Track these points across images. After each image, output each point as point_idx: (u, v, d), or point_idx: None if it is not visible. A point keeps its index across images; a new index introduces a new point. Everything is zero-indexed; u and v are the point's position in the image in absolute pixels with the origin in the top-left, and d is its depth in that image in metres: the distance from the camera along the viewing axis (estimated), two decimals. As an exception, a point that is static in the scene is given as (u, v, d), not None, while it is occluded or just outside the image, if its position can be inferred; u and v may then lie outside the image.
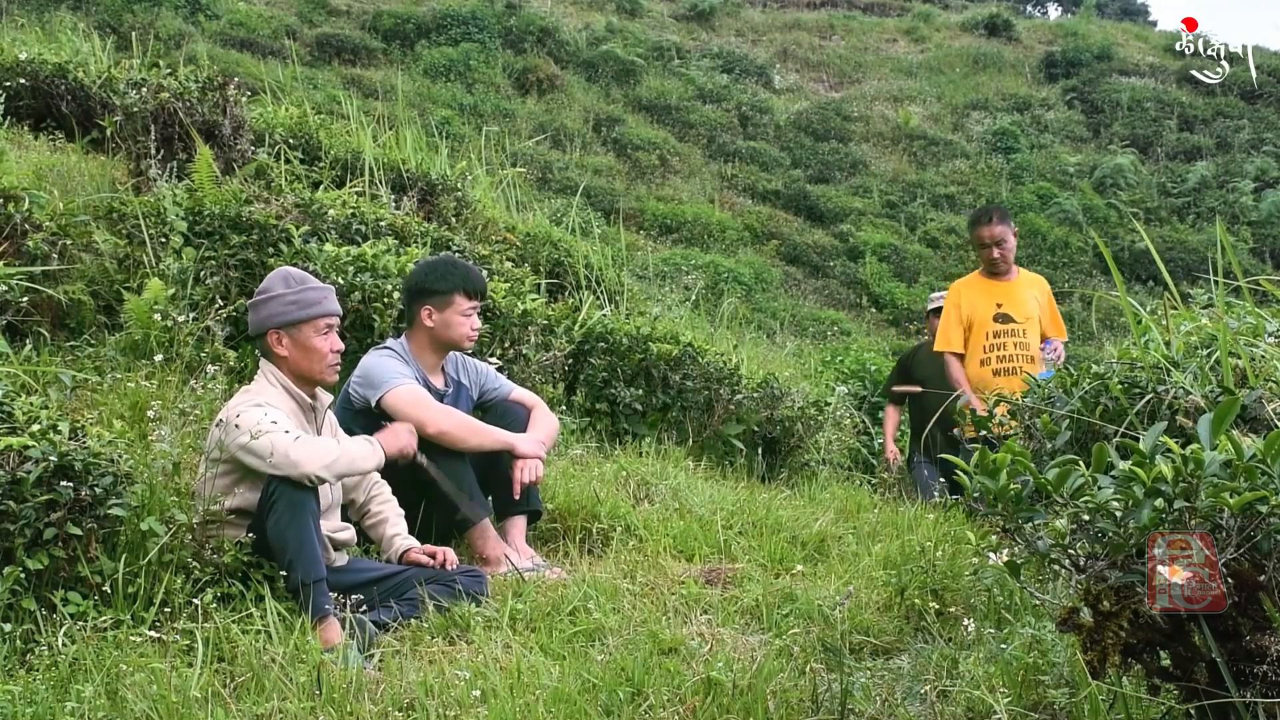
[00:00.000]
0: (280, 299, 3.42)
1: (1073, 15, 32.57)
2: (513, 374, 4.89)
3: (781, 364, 8.29)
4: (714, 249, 16.12)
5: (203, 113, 6.08)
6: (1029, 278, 5.80)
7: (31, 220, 4.72)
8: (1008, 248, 5.62)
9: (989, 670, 2.67)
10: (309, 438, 3.28)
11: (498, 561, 3.81)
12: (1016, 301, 5.60)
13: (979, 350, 5.56)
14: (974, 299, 5.65)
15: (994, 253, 5.59)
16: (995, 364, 5.51)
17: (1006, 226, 5.63)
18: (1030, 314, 5.56)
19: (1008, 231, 5.62)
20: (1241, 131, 22.44)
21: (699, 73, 22.57)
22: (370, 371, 3.94)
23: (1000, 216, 5.70)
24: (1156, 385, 2.92)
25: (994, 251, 5.58)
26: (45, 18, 13.14)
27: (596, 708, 2.63)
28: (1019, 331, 5.54)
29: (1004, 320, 5.57)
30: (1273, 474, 1.87)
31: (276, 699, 2.59)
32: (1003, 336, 5.53)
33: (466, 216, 7.23)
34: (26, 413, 2.98)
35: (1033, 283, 5.77)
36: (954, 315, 5.67)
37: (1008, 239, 5.62)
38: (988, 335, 5.55)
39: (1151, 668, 2.07)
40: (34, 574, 2.81)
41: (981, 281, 5.70)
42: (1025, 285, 5.70)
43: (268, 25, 19.09)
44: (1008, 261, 5.66)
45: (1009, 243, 5.63)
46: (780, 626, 3.22)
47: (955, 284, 5.89)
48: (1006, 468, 2.15)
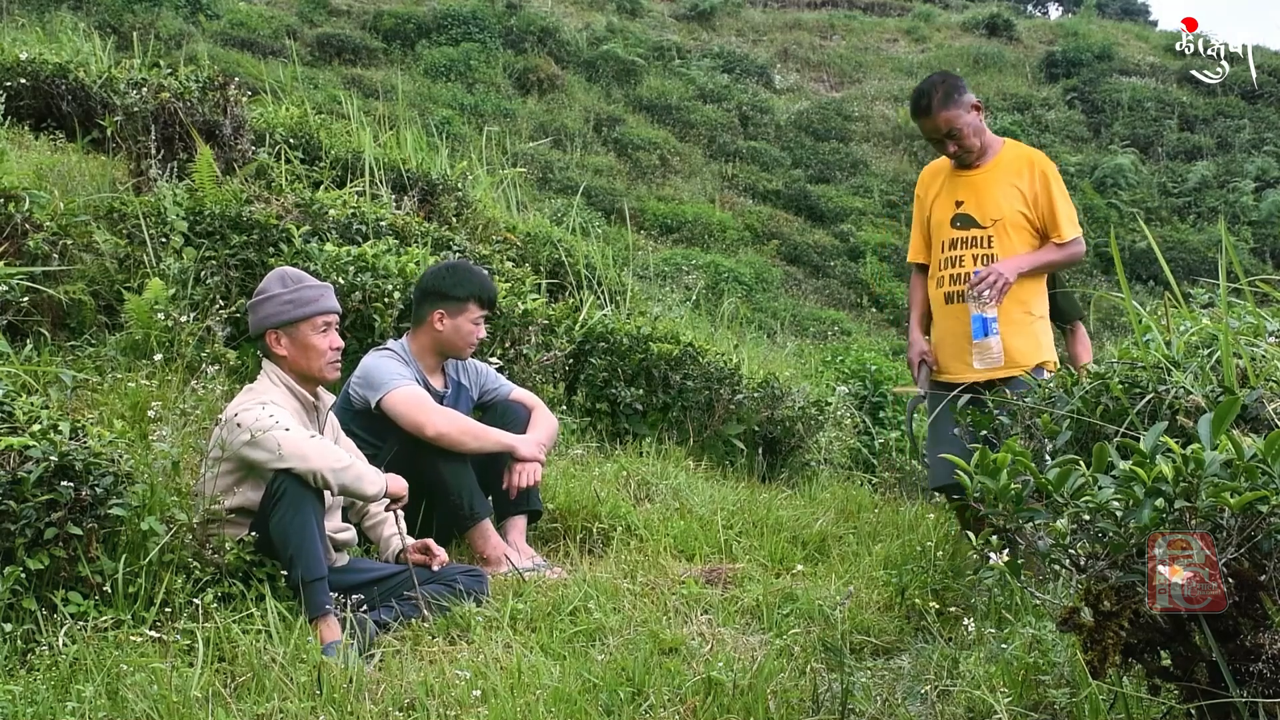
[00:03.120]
0: (277, 299, 3.43)
1: (1073, 15, 32.56)
2: (513, 374, 4.89)
3: (782, 364, 8.29)
4: (714, 249, 16.13)
5: (203, 113, 6.08)
6: (1012, 159, 4.15)
7: (32, 220, 4.72)
8: (966, 133, 4.09)
9: (989, 670, 2.67)
10: (322, 439, 3.29)
11: (498, 561, 3.81)
12: (982, 196, 4.10)
13: (936, 266, 4.20)
14: (936, 191, 4.26)
15: (950, 147, 4.14)
16: (948, 285, 4.12)
17: (954, 109, 4.08)
18: (1001, 213, 4.05)
19: (958, 114, 4.08)
20: (1242, 131, 22.44)
21: (699, 73, 22.58)
22: (370, 372, 3.94)
23: (942, 99, 4.09)
24: (1157, 385, 2.92)
25: (949, 146, 4.14)
26: (46, 18, 13.15)
27: (597, 707, 2.63)
28: (981, 240, 4.06)
29: (963, 224, 4.12)
30: (1273, 474, 1.87)
31: (277, 699, 2.59)
32: (960, 247, 4.09)
33: (467, 216, 7.23)
34: (27, 413, 2.98)
35: (1016, 167, 4.13)
36: (916, 213, 4.41)
37: (959, 122, 4.07)
38: (944, 245, 4.15)
39: (1152, 668, 2.07)
40: (34, 574, 2.81)
41: (947, 169, 4.25)
42: (1002, 173, 4.12)
43: (268, 25, 19.10)
44: (971, 150, 4.13)
45: (964, 125, 4.08)
46: (781, 626, 3.22)
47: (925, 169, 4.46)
48: (1007, 467, 2.15)
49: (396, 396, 3.85)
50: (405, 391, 3.86)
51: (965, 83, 4.21)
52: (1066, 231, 4.05)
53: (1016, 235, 4.03)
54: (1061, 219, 4.06)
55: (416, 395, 3.88)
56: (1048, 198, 4.06)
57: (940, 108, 4.08)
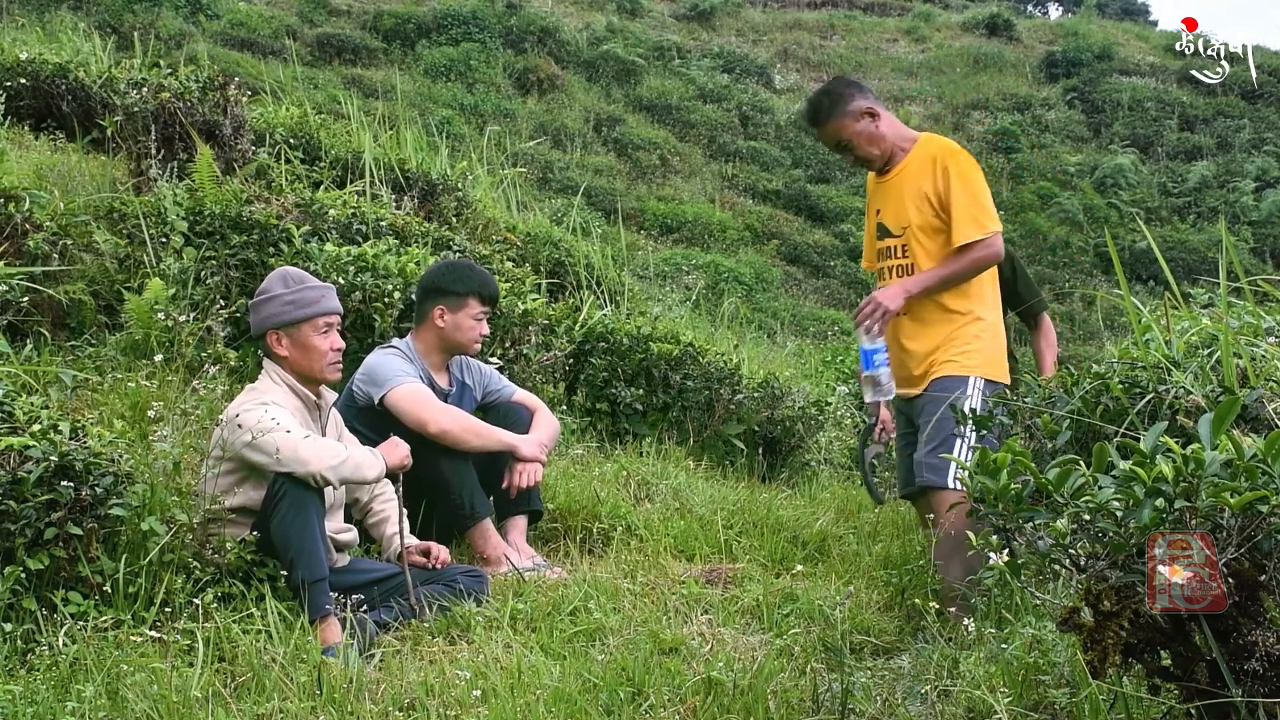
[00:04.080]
0: (278, 299, 3.43)
1: (1073, 15, 32.56)
2: (513, 374, 4.89)
3: (782, 364, 8.30)
4: (714, 249, 16.13)
5: (203, 113, 6.08)
6: (919, 160, 3.78)
7: (32, 220, 4.72)
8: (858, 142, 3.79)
9: (989, 670, 2.67)
10: (318, 438, 3.29)
11: (498, 561, 3.82)
12: (894, 203, 3.81)
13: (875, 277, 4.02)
14: (868, 199, 4.03)
15: (848, 157, 3.90)
16: None
17: (840, 119, 3.79)
18: (909, 220, 3.74)
19: (845, 124, 3.78)
20: (1242, 131, 22.45)
21: (699, 73, 22.58)
22: (374, 369, 3.94)
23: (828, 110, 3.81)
24: (1157, 385, 2.92)
25: (847, 156, 3.89)
26: (46, 18, 13.15)
27: (597, 707, 2.63)
28: (897, 250, 3.79)
29: (882, 234, 3.87)
30: (1273, 474, 1.87)
31: (277, 699, 2.59)
32: (885, 258, 3.85)
33: (467, 216, 7.24)
34: (27, 413, 2.98)
35: (922, 167, 3.76)
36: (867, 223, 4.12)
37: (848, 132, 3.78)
38: (876, 256, 3.92)
39: (1152, 667, 2.07)
40: (34, 574, 2.81)
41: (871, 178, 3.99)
42: (910, 177, 3.79)
43: (268, 25, 19.10)
44: (870, 159, 3.83)
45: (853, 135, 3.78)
46: (781, 626, 3.22)
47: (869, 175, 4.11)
48: (1007, 467, 2.15)
49: (400, 393, 3.85)
50: (409, 388, 3.87)
51: (860, 87, 3.92)
52: (963, 233, 3.63)
53: (930, 241, 3.71)
54: (960, 219, 3.64)
55: (420, 392, 3.88)
56: (955, 198, 3.66)
57: (827, 119, 3.83)
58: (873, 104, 3.83)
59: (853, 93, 3.85)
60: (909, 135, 3.87)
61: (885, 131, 3.82)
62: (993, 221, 3.66)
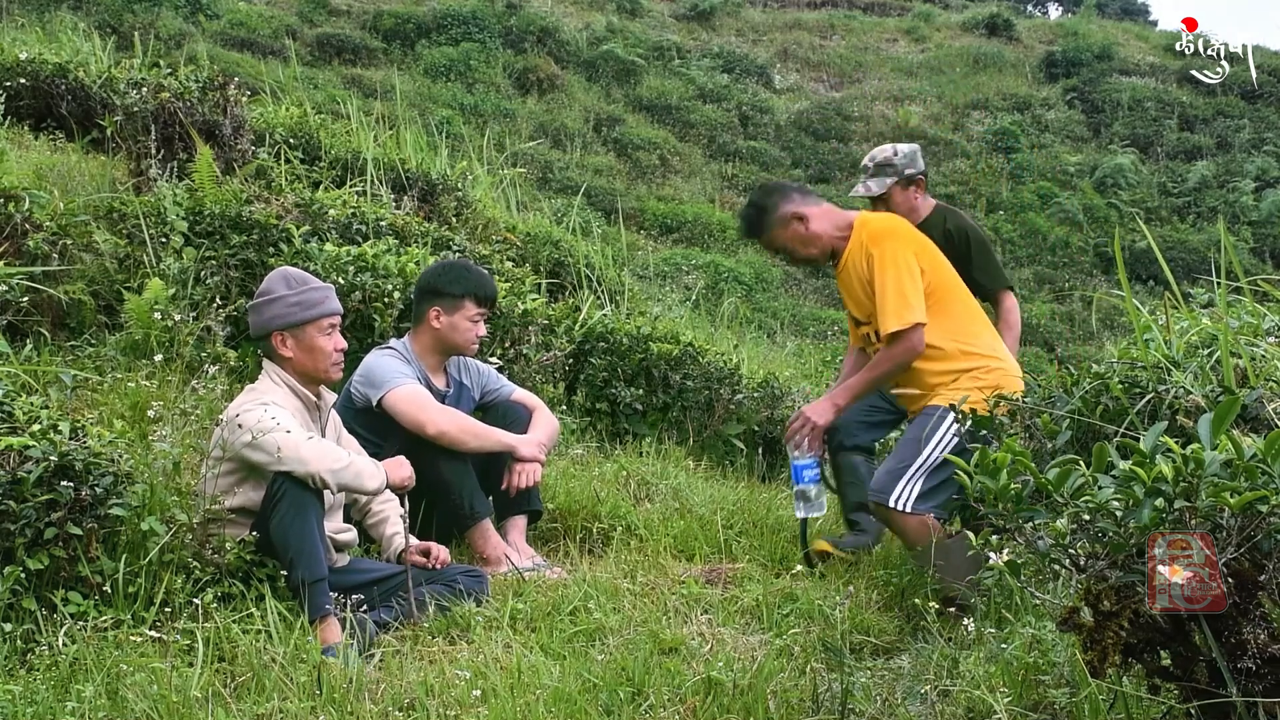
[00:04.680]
0: (283, 300, 3.42)
1: (1073, 15, 32.56)
2: (513, 374, 4.89)
3: (782, 364, 8.30)
4: (714, 248, 16.12)
5: (203, 112, 6.08)
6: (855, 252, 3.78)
7: (32, 220, 4.72)
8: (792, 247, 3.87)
9: (989, 670, 2.67)
10: (320, 440, 3.29)
11: (498, 561, 3.82)
12: (851, 296, 3.88)
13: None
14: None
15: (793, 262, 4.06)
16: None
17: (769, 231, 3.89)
18: (868, 309, 3.77)
19: (775, 234, 3.87)
20: (1242, 131, 22.44)
21: (699, 72, 22.57)
22: (372, 371, 3.94)
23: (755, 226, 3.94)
24: (1157, 385, 2.92)
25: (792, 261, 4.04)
26: (45, 17, 13.14)
27: (597, 707, 2.63)
28: (872, 335, 3.83)
29: (855, 322, 3.97)
30: (1273, 473, 1.87)
31: (277, 699, 2.59)
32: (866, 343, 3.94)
33: (467, 216, 7.24)
34: (27, 412, 2.98)
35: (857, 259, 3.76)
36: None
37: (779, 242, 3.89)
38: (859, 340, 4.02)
39: (1152, 667, 2.07)
40: (34, 574, 2.81)
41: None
42: (851, 270, 3.80)
43: (268, 25, 19.09)
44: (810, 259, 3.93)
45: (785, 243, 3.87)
46: (781, 626, 3.22)
47: None
48: (1006, 467, 2.15)
49: (398, 395, 3.85)
50: (406, 390, 3.87)
51: (786, 192, 3.93)
52: (884, 325, 3.61)
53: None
54: (884, 309, 3.61)
55: (418, 393, 3.88)
56: (873, 285, 3.67)
57: (758, 232, 3.94)
58: (799, 206, 3.84)
59: (777, 201, 3.87)
60: (845, 222, 3.85)
61: (818, 229, 3.83)
62: (913, 313, 3.60)
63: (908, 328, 3.60)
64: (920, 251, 3.76)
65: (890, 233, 3.78)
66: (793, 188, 4.00)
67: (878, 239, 3.73)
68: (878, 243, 3.72)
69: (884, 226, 3.82)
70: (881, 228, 3.81)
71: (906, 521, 3.56)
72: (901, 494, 3.55)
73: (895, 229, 3.81)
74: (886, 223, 3.86)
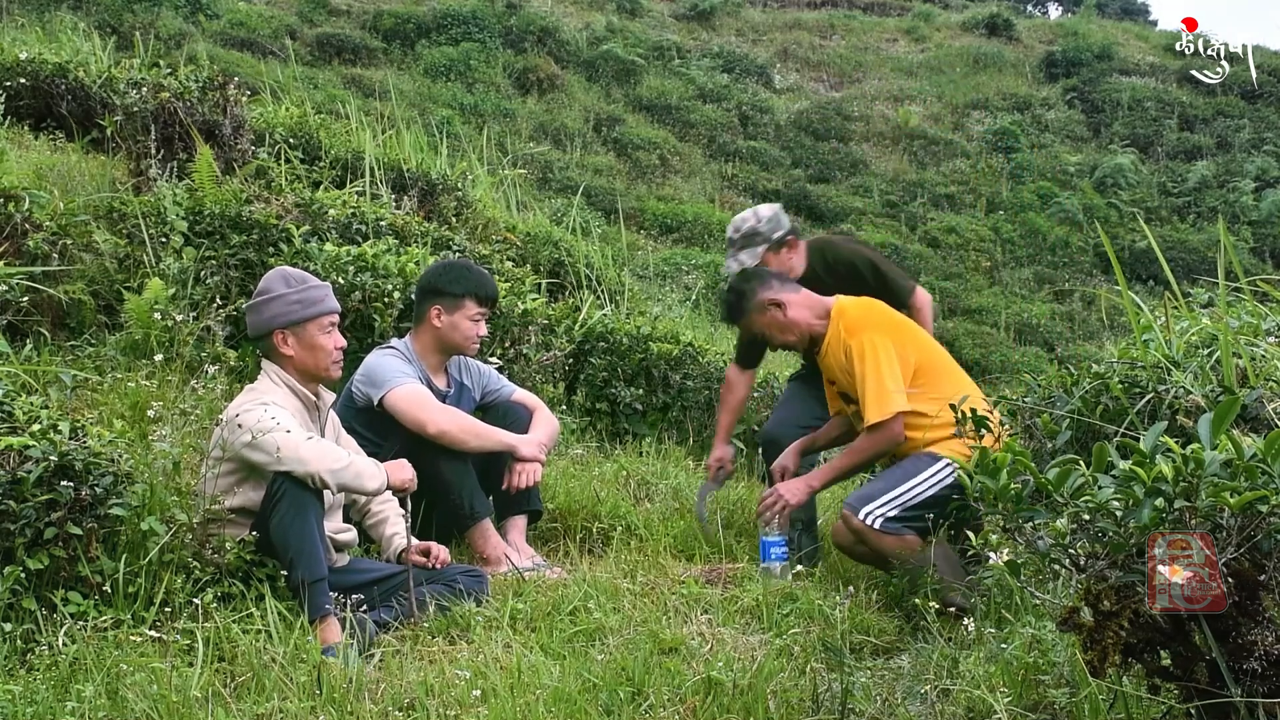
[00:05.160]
0: (283, 299, 3.42)
1: (1073, 15, 32.55)
2: (513, 374, 4.90)
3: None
4: (714, 248, 16.09)
5: (203, 112, 6.08)
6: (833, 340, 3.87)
7: (32, 220, 4.72)
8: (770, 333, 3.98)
9: (989, 670, 2.67)
10: (320, 440, 3.29)
11: (498, 561, 3.82)
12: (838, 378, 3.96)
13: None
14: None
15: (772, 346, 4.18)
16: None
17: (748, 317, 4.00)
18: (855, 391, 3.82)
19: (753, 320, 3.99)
20: (1242, 131, 22.43)
21: (699, 72, 22.56)
22: (373, 370, 3.94)
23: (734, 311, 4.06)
24: (1157, 385, 2.92)
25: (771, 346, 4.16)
26: (45, 17, 13.13)
27: (597, 707, 2.63)
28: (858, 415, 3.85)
29: (845, 400, 3.98)
30: (1273, 473, 1.87)
31: (277, 699, 2.59)
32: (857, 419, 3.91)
33: (467, 216, 7.24)
34: (27, 412, 2.98)
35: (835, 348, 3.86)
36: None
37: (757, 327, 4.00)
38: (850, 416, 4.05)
39: (1152, 667, 2.07)
40: (34, 574, 2.81)
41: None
42: (833, 355, 3.88)
43: (268, 25, 19.07)
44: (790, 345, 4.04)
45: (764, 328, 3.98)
46: (781, 626, 3.22)
47: None
48: (1007, 467, 2.15)
49: (398, 394, 3.85)
50: (407, 389, 3.87)
51: (765, 279, 4.00)
52: (869, 415, 3.69)
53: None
54: (865, 401, 3.70)
55: (418, 393, 3.88)
56: (854, 377, 3.76)
57: (737, 317, 4.06)
58: (777, 293, 3.93)
59: (755, 287, 3.97)
60: (823, 309, 3.93)
61: (795, 317, 3.92)
62: (893, 403, 3.68)
63: (890, 418, 3.69)
64: (898, 336, 3.82)
65: (866, 322, 3.85)
66: (772, 275, 4.05)
67: (854, 330, 3.82)
68: (854, 334, 3.80)
69: (860, 316, 3.89)
70: (857, 317, 3.88)
71: (882, 540, 3.58)
72: (873, 511, 3.59)
73: (871, 317, 3.89)
74: (862, 311, 3.92)
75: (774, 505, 3.83)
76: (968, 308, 16.51)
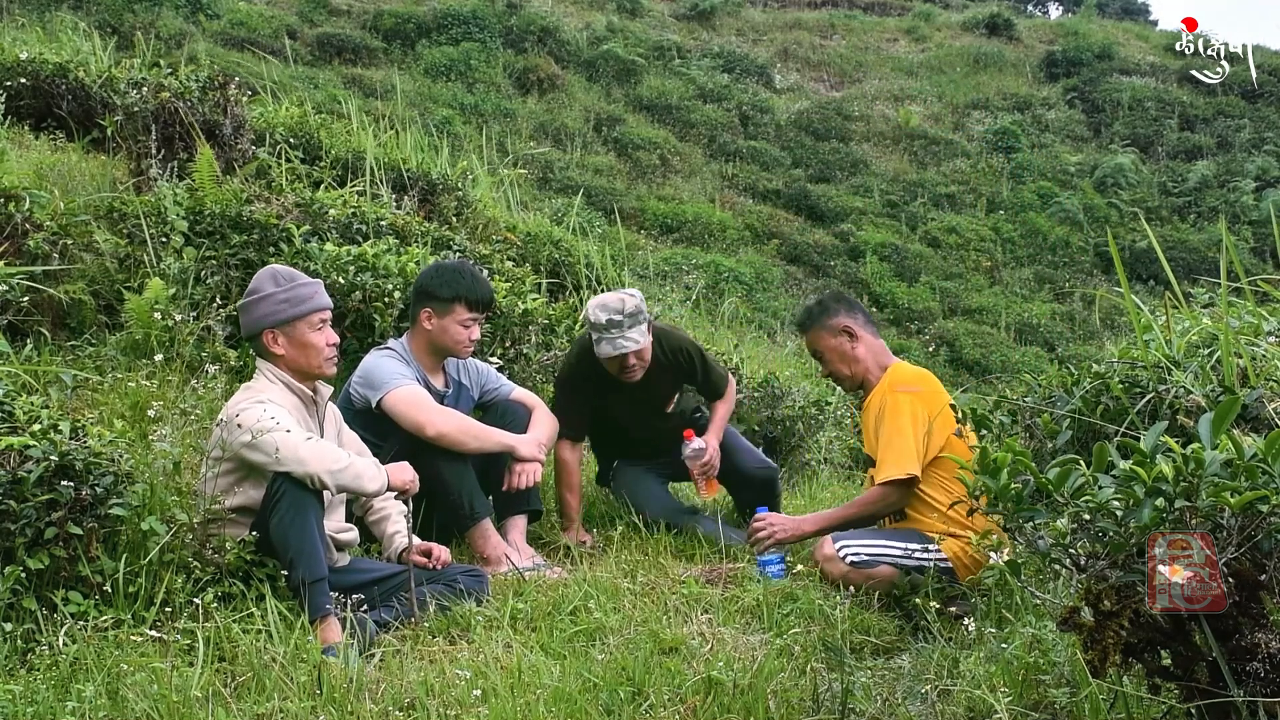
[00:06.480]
0: (272, 298, 3.42)
1: (1073, 15, 32.55)
2: (513, 374, 4.90)
3: (782, 363, 8.29)
4: (714, 248, 16.11)
5: (203, 112, 6.08)
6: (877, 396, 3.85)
7: (32, 220, 4.72)
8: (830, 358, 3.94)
9: (989, 670, 2.67)
10: (320, 441, 3.28)
11: (498, 561, 3.82)
12: (867, 434, 3.92)
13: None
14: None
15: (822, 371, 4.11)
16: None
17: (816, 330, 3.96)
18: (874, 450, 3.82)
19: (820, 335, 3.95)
20: (1242, 131, 22.43)
21: (699, 72, 22.56)
22: (371, 372, 3.94)
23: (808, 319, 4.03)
24: (1157, 384, 2.92)
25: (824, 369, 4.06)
26: (46, 17, 13.13)
27: (597, 707, 2.63)
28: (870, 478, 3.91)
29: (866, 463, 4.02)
30: (1273, 473, 1.87)
31: (277, 698, 2.59)
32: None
33: (467, 216, 7.24)
34: (27, 412, 2.98)
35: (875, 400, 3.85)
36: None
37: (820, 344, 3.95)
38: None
39: (1152, 667, 2.07)
40: (35, 573, 2.81)
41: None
42: (871, 412, 3.86)
43: (268, 25, 19.07)
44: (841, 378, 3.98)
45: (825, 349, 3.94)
46: (781, 626, 3.22)
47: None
48: (1007, 467, 2.15)
49: (396, 396, 3.84)
50: (405, 391, 3.86)
51: (851, 306, 3.98)
52: (884, 473, 3.67)
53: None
54: (884, 456, 3.67)
55: (416, 395, 3.88)
56: (878, 431, 3.73)
57: (809, 326, 3.99)
58: (855, 325, 3.91)
59: (839, 309, 3.96)
60: (885, 363, 3.92)
61: (860, 354, 3.90)
62: (909, 465, 3.64)
63: (903, 478, 3.65)
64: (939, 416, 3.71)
65: (915, 387, 3.80)
66: (861, 309, 4.04)
67: (892, 389, 3.78)
68: (895, 390, 3.77)
69: (912, 378, 3.85)
70: (908, 378, 3.85)
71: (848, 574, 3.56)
72: (850, 546, 3.59)
73: (923, 385, 3.83)
74: (915, 377, 3.88)
75: (762, 530, 3.81)
76: (968, 308, 16.51)
